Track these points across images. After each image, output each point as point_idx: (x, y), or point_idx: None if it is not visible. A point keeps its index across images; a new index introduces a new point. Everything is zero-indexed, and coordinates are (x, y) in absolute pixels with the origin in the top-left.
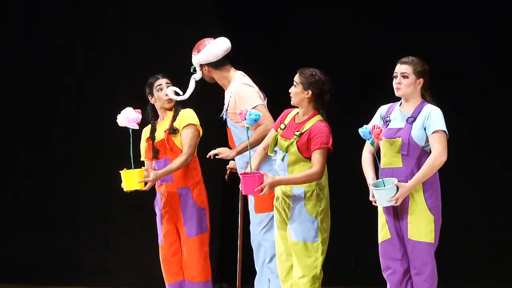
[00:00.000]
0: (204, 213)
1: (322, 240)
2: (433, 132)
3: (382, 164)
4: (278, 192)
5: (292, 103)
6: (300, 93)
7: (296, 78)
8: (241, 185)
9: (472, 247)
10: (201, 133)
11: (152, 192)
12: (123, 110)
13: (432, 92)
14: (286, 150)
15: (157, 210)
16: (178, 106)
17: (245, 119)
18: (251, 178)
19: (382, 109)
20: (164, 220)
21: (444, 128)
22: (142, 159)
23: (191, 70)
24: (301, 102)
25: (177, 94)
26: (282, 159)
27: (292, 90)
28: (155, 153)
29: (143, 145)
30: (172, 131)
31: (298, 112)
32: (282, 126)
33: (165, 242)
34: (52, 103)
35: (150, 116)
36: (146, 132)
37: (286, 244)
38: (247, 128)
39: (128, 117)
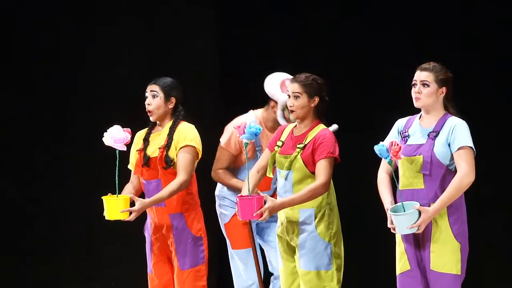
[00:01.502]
0: (201, 243)
1: (337, 268)
2: (458, 149)
3: (400, 186)
4: (282, 217)
5: (296, 117)
6: (307, 103)
7: (297, 88)
8: (237, 210)
9: (506, 278)
10: (200, 155)
11: (142, 216)
12: (111, 128)
13: (456, 103)
14: (290, 167)
15: (146, 236)
16: (178, 117)
17: (244, 133)
18: (249, 201)
19: (400, 123)
20: (155, 248)
21: (471, 144)
22: (129, 167)
23: None
24: (308, 114)
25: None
26: (286, 178)
27: (295, 102)
28: (146, 162)
29: (134, 153)
30: (168, 165)
31: (295, 126)
32: (279, 143)
33: (155, 273)
34: (33, 124)
35: (150, 123)
36: (139, 138)
37: (293, 278)
38: (246, 144)
39: (115, 137)
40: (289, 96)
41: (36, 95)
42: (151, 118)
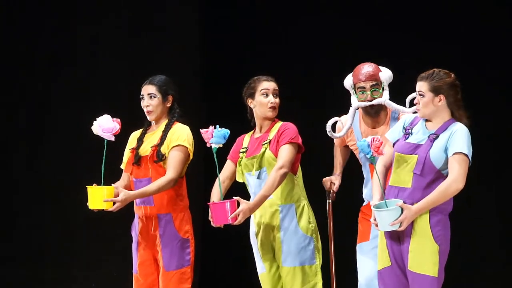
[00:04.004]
0: (188, 244)
1: (319, 262)
2: (453, 154)
3: (390, 181)
4: (257, 220)
5: (275, 114)
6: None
7: (276, 86)
8: (210, 216)
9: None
10: (191, 157)
11: (124, 215)
12: (99, 118)
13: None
14: (261, 164)
15: (133, 235)
16: (172, 118)
17: (212, 137)
18: (222, 205)
19: (407, 118)
20: (141, 248)
21: (467, 152)
22: (122, 166)
23: (356, 96)
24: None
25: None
26: (259, 177)
27: (277, 100)
28: (137, 162)
29: (127, 153)
30: (159, 158)
31: (254, 131)
32: (243, 150)
33: (140, 273)
34: (12, 115)
35: (145, 123)
36: (134, 138)
37: (277, 283)
38: (215, 149)
39: (103, 126)
40: (266, 95)
41: (14, 95)
42: (150, 118)
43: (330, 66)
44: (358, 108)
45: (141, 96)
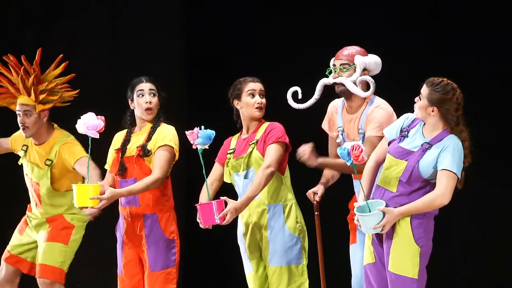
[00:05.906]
0: (173, 245)
1: (306, 262)
2: (442, 169)
3: (378, 180)
4: (245, 219)
5: (261, 115)
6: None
7: (262, 87)
8: (199, 217)
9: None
10: (177, 157)
11: (109, 215)
12: (84, 115)
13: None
14: (248, 164)
15: (118, 236)
16: (159, 119)
17: (197, 138)
18: (209, 205)
19: (407, 118)
20: (126, 248)
21: (456, 170)
22: (106, 167)
23: (327, 72)
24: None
25: (295, 99)
26: (246, 177)
27: (264, 101)
28: (122, 171)
29: (112, 153)
30: (144, 153)
31: (240, 133)
32: (230, 151)
33: (125, 274)
34: None
35: (127, 123)
36: (118, 138)
37: (263, 283)
38: (201, 150)
39: (88, 124)
40: (253, 95)
41: None
42: (149, 117)
43: (317, 66)
44: (324, 84)
45: (139, 93)
